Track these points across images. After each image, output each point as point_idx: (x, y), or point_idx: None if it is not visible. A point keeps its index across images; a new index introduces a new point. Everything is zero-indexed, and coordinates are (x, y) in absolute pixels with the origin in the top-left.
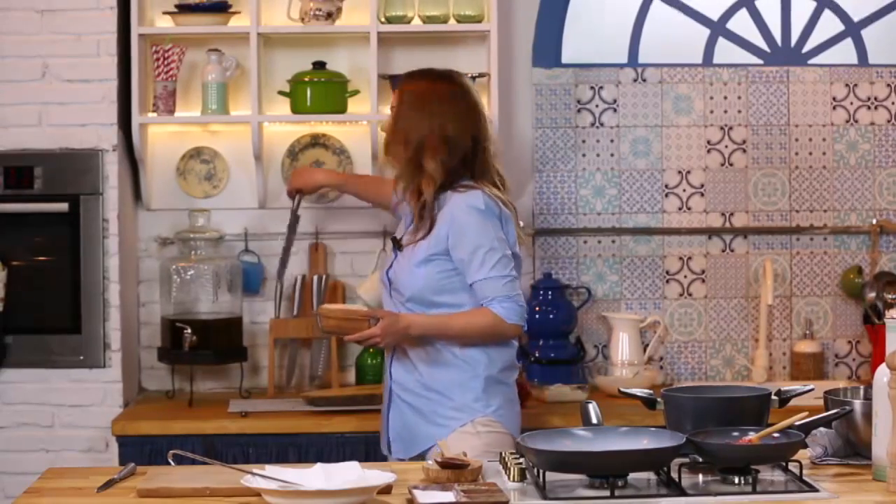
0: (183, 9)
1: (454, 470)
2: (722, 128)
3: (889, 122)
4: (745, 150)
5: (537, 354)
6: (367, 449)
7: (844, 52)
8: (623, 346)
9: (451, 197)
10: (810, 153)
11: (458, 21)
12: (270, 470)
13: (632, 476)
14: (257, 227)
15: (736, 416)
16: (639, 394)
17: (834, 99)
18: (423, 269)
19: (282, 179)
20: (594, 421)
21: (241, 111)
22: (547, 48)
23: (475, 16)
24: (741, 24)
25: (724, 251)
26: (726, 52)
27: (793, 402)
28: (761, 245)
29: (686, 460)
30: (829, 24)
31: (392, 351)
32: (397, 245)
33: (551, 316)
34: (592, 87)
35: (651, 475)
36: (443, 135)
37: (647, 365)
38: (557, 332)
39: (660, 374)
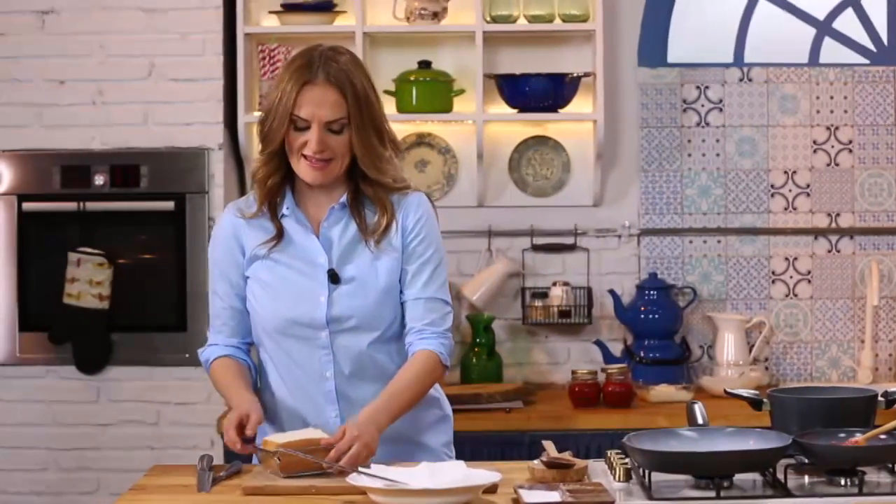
0: (288, 8)
1: (560, 469)
2: (828, 128)
3: None
4: (851, 151)
5: (642, 354)
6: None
7: None
8: (728, 347)
9: (402, 200)
10: None
11: (564, 20)
12: (376, 469)
13: (737, 477)
14: None
15: (842, 417)
16: (744, 394)
17: None
18: (392, 298)
19: None
20: (700, 421)
21: None
22: (652, 48)
23: (580, 15)
24: (847, 23)
25: (830, 252)
26: (832, 51)
27: None
28: (867, 246)
29: (792, 461)
30: None
31: (337, 407)
32: (335, 278)
33: (656, 316)
34: (698, 87)
35: (757, 476)
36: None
37: (753, 365)
38: (663, 332)
39: (765, 374)
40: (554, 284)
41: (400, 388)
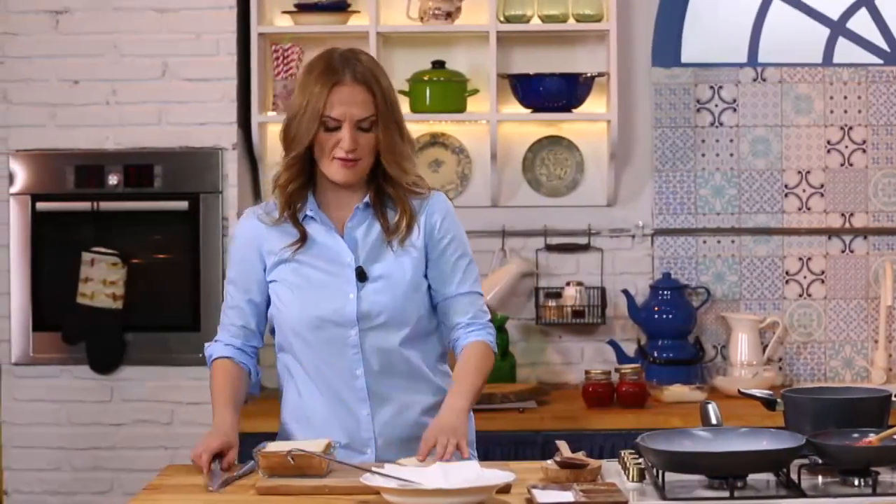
0: (302, 8)
1: (573, 469)
2: (842, 128)
3: None
4: (865, 151)
5: (656, 355)
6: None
7: None
8: (742, 347)
9: (423, 202)
10: None
11: (578, 20)
12: (389, 468)
13: (751, 477)
14: None
15: (856, 417)
16: (758, 394)
17: None
18: (419, 295)
19: None
20: (714, 421)
21: None
22: (666, 47)
23: (594, 15)
24: (861, 23)
25: (843, 252)
26: (846, 51)
27: None
28: (881, 246)
29: (806, 461)
30: None
31: (369, 405)
32: (362, 275)
33: (670, 316)
34: (712, 87)
35: (770, 476)
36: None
37: (766, 366)
38: (676, 332)
39: (779, 374)
40: (567, 284)
41: (467, 370)
